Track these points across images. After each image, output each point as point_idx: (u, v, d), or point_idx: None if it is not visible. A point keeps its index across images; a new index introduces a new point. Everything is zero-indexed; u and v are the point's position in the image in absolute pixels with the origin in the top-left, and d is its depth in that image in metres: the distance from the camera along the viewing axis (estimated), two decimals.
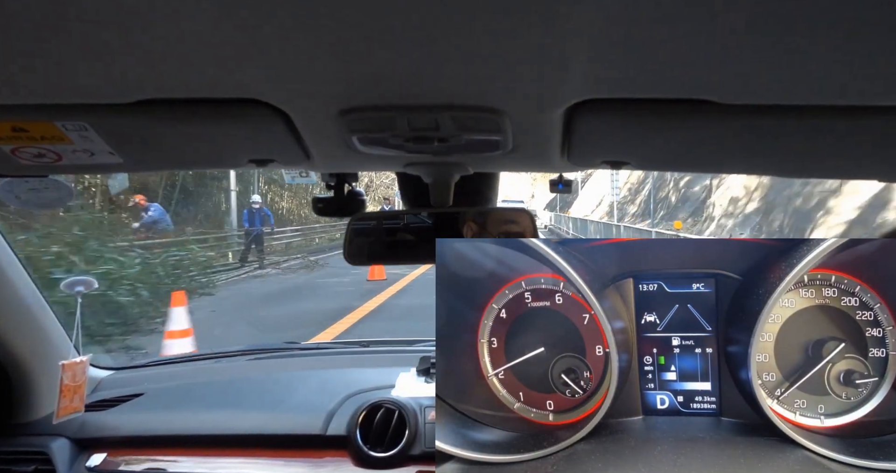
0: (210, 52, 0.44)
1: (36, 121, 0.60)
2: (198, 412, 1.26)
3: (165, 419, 1.23)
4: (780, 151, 0.66)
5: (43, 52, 0.45)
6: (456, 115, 0.57)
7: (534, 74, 0.48)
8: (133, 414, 1.25)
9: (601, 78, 0.49)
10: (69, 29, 0.41)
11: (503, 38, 0.41)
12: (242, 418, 1.22)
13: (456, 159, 0.77)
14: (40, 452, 1.14)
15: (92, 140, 0.64)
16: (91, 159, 0.69)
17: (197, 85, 0.52)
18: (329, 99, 0.55)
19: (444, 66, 0.47)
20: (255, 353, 1.61)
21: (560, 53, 0.44)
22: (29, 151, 0.67)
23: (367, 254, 0.92)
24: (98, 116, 0.59)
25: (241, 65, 0.47)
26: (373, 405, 1.15)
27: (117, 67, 0.48)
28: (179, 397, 1.34)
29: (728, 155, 0.70)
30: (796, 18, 0.38)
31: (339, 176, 1.03)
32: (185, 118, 0.59)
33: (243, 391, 1.36)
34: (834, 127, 0.58)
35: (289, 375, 1.47)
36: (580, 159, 0.74)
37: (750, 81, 0.48)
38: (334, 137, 0.64)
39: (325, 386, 1.31)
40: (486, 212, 0.89)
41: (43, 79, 0.50)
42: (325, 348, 1.75)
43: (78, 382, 1.17)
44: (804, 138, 0.62)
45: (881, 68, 0.45)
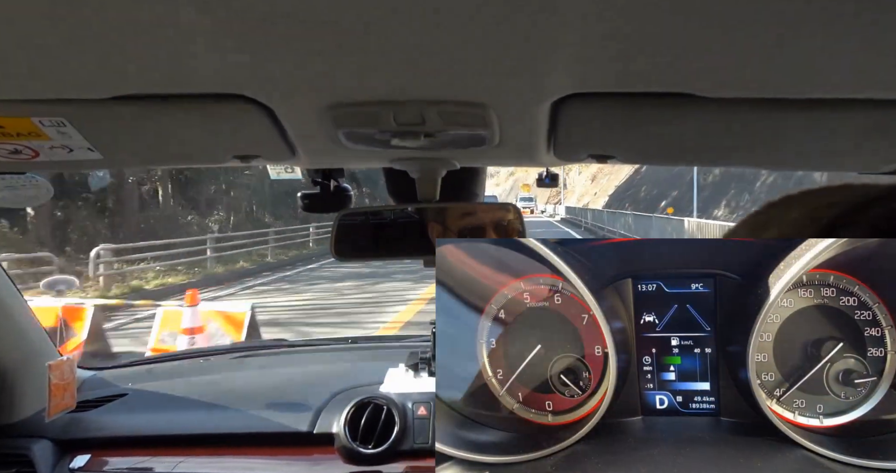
0: (192, 46, 0.44)
1: (11, 116, 0.59)
2: (183, 411, 1.25)
3: (150, 418, 1.23)
4: (763, 143, 0.67)
5: (18, 45, 0.43)
6: (442, 109, 0.57)
7: (519, 68, 0.48)
8: (117, 414, 1.25)
9: (586, 72, 0.49)
10: (45, 21, 0.40)
11: (489, 32, 0.41)
12: (228, 416, 1.21)
13: (442, 154, 0.77)
14: (22, 454, 1.13)
15: (70, 136, 0.63)
16: (69, 156, 0.68)
17: (178, 79, 0.51)
18: (314, 94, 0.54)
19: (429, 60, 0.47)
20: (242, 351, 1.61)
21: (545, 48, 0.44)
22: (5, 148, 0.66)
23: (355, 249, 0.92)
24: (76, 111, 0.58)
25: (224, 59, 0.46)
26: (361, 402, 1.14)
27: (95, 61, 0.47)
28: (164, 396, 1.33)
29: (713, 148, 0.71)
30: (777, 11, 0.38)
31: (326, 172, 1.03)
32: (166, 113, 0.58)
33: (229, 390, 1.35)
34: (816, 119, 0.59)
35: (275, 372, 1.46)
36: (566, 153, 0.75)
37: (733, 74, 0.48)
38: (320, 133, 0.64)
39: (313, 383, 1.31)
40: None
41: (18, 73, 0.49)
42: (312, 344, 1.74)
43: (67, 380, 1.17)
44: (786, 131, 0.63)
45: (862, 61, 0.45)
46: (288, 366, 1.50)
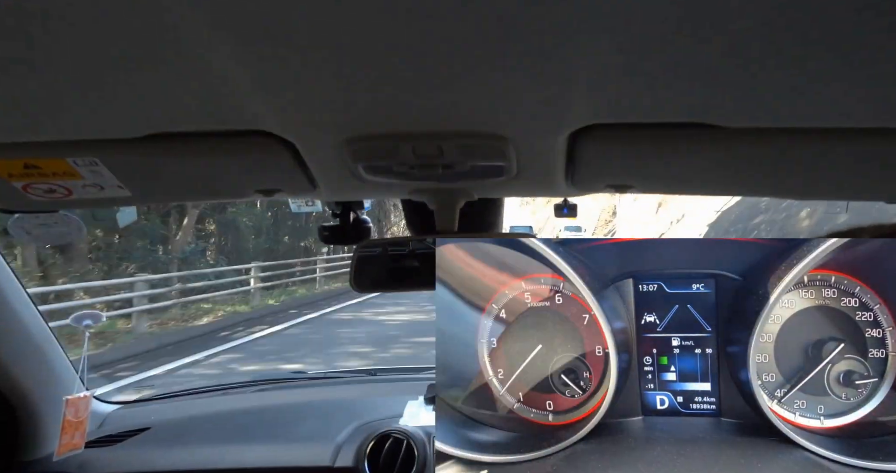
0: (217, 86, 0.45)
1: (47, 158, 0.61)
2: (204, 445, 1.26)
3: (171, 454, 1.23)
4: (784, 173, 0.66)
5: (55, 91, 0.46)
6: (460, 142, 0.57)
7: (537, 100, 0.48)
8: (139, 450, 1.25)
9: (604, 103, 0.49)
10: (80, 67, 0.42)
11: (506, 65, 0.42)
12: (250, 451, 1.22)
13: (460, 185, 0.77)
14: None
15: (102, 175, 0.65)
16: (100, 193, 0.70)
17: (204, 118, 0.52)
18: (334, 128, 0.55)
19: (447, 94, 0.47)
20: (262, 383, 1.61)
21: (563, 80, 0.44)
22: (40, 187, 0.68)
23: (373, 281, 0.93)
24: (108, 151, 0.60)
25: (247, 97, 0.47)
26: (381, 435, 1.15)
27: (126, 103, 0.49)
28: (185, 431, 1.34)
29: (732, 178, 0.70)
30: (799, 42, 0.38)
31: (345, 204, 1.04)
32: (192, 151, 0.60)
33: (250, 424, 1.36)
34: (838, 149, 0.58)
35: (296, 405, 1.47)
36: (584, 184, 0.75)
37: (753, 104, 0.48)
38: (339, 166, 0.65)
39: (333, 416, 1.32)
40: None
41: (55, 116, 0.51)
42: (332, 377, 1.74)
43: (80, 418, 1.16)
44: (808, 160, 0.62)
45: (885, 90, 0.45)
46: (308, 399, 1.51)
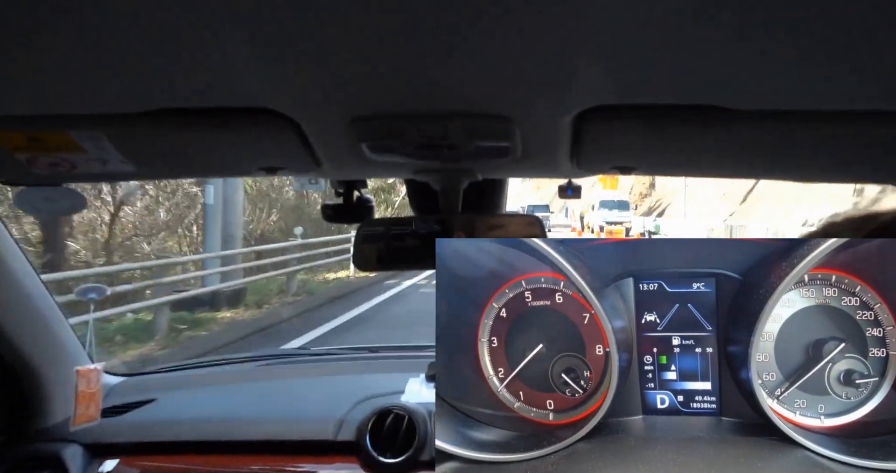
0: (221, 63, 0.45)
1: (51, 131, 0.61)
2: (208, 418, 1.27)
3: (177, 425, 1.24)
4: (789, 155, 0.66)
5: (58, 64, 0.45)
6: (465, 122, 0.57)
7: (543, 81, 0.48)
8: (145, 420, 1.26)
9: (610, 85, 0.49)
10: (84, 41, 0.42)
11: (512, 46, 0.42)
12: (253, 424, 1.23)
13: (465, 166, 0.77)
14: (54, 457, 1.14)
15: (105, 149, 0.65)
16: (104, 168, 0.70)
17: (208, 94, 0.52)
18: (339, 108, 0.55)
19: (453, 74, 0.47)
20: (266, 358, 1.62)
21: (569, 61, 0.44)
22: (44, 161, 0.68)
23: (376, 260, 0.92)
24: (111, 125, 0.60)
25: (252, 74, 0.47)
26: (382, 411, 1.16)
27: (130, 78, 0.49)
28: (190, 403, 1.35)
29: (736, 160, 0.70)
30: (806, 23, 0.38)
31: (349, 183, 1.04)
32: (196, 127, 0.60)
33: (254, 397, 1.37)
34: (845, 132, 0.58)
35: (299, 381, 1.48)
36: (589, 165, 0.75)
37: (758, 86, 0.48)
38: (344, 146, 0.65)
39: (336, 392, 1.33)
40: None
41: (58, 90, 0.51)
42: (334, 353, 1.75)
43: (93, 389, 1.17)
44: (814, 143, 0.62)
45: (892, 74, 0.45)
46: (311, 374, 1.53)
